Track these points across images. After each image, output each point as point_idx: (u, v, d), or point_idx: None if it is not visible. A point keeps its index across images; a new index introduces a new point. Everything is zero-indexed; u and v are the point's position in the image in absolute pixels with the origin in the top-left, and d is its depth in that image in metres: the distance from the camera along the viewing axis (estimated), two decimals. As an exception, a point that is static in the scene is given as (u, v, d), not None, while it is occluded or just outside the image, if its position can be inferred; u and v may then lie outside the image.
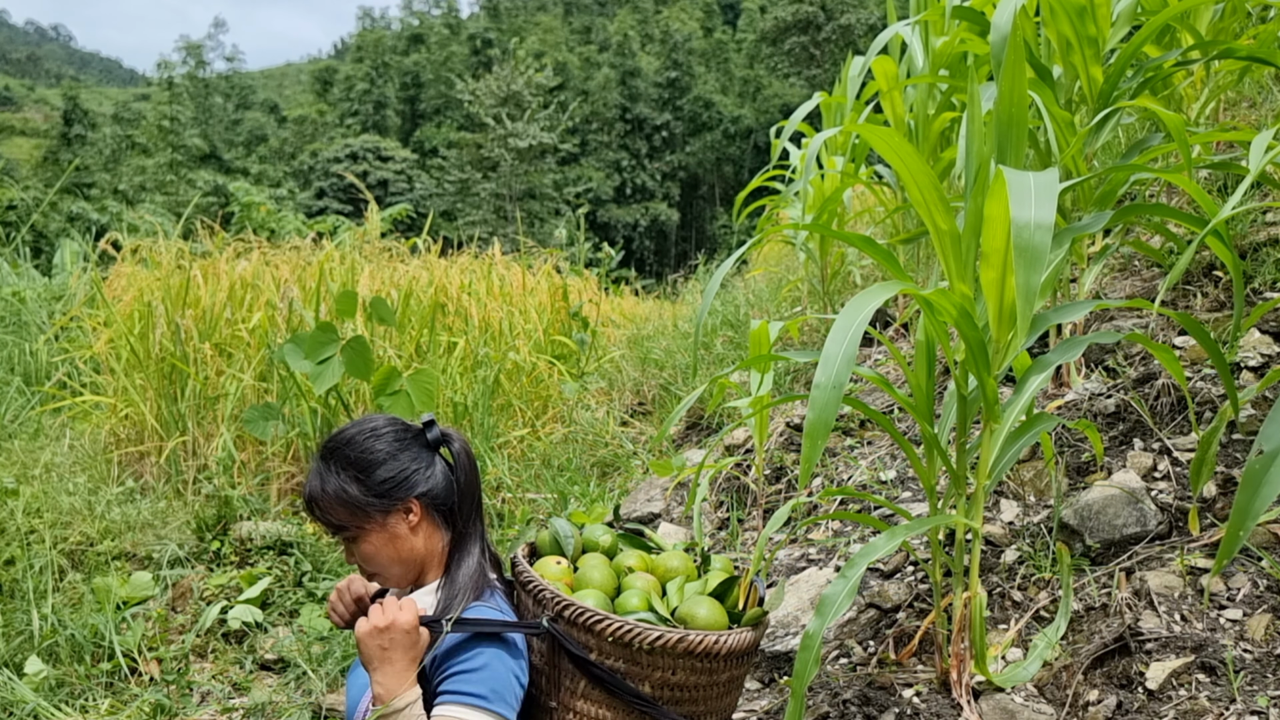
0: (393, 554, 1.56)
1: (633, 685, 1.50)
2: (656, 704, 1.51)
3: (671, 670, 1.50)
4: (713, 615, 1.57)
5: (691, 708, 1.55)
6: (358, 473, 1.55)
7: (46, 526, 3.64)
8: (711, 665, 1.52)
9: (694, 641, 1.48)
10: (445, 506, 1.59)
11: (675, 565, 1.75)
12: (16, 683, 2.78)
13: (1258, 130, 1.86)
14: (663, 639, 1.46)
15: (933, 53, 3.09)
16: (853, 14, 45.66)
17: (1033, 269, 1.32)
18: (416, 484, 1.57)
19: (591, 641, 1.50)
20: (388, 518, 1.55)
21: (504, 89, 41.00)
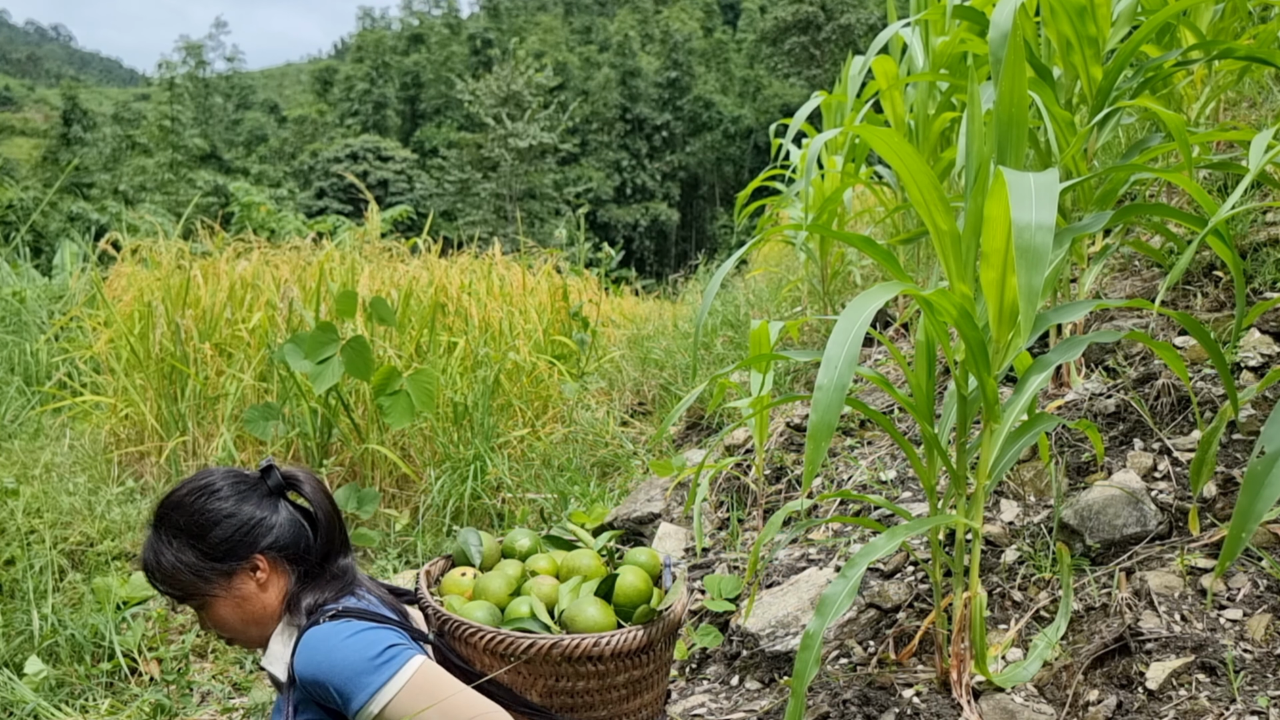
0: (244, 616, 1.45)
1: (520, 694, 1.46)
2: (548, 711, 1.47)
3: (555, 677, 1.45)
4: (599, 616, 1.51)
5: (590, 714, 1.49)
6: (192, 539, 1.43)
7: (46, 526, 3.64)
8: (600, 668, 1.47)
9: (570, 646, 1.43)
10: (297, 553, 1.48)
11: (583, 565, 1.67)
12: (16, 683, 2.78)
13: (1258, 130, 1.86)
14: (535, 646, 1.41)
15: (933, 52, 3.09)
16: (853, 14, 45.67)
17: (1034, 270, 1.32)
18: (259, 537, 1.45)
19: (473, 654, 1.46)
20: (232, 580, 1.44)
21: (504, 89, 41.01)
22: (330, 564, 1.51)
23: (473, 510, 4.15)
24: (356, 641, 1.37)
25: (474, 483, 4.14)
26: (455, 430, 4.49)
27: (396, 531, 4.16)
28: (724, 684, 2.15)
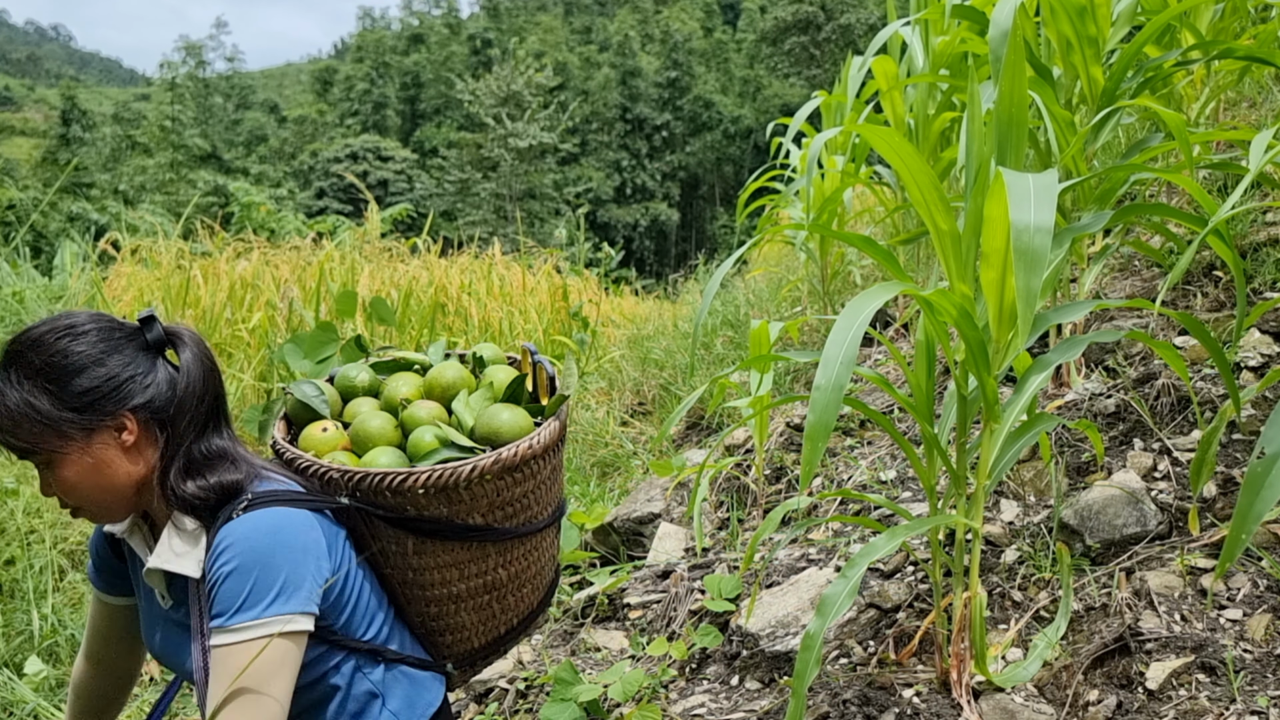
0: (98, 483, 1.27)
1: (463, 522, 1.40)
2: (492, 528, 1.42)
3: (497, 492, 1.41)
4: (516, 421, 1.46)
5: (527, 514, 1.47)
6: (48, 383, 1.23)
7: (46, 526, 3.64)
8: (534, 468, 1.44)
9: (509, 457, 1.38)
10: (169, 420, 1.30)
11: (452, 378, 1.56)
12: (16, 683, 2.78)
13: (1258, 130, 1.86)
14: (477, 468, 1.36)
15: (933, 52, 3.09)
16: (853, 14, 45.68)
17: (1033, 272, 1.32)
18: (131, 394, 1.26)
19: (404, 501, 1.37)
20: (91, 438, 1.25)
21: (504, 89, 41.01)
22: (204, 442, 1.32)
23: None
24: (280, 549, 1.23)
25: (474, 483, 4.14)
26: (455, 430, 4.49)
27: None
28: (724, 684, 2.15)
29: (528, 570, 1.54)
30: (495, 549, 1.46)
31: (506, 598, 1.53)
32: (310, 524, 1.29)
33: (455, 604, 1.49)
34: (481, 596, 1.50)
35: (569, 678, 2.14)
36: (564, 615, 2.76)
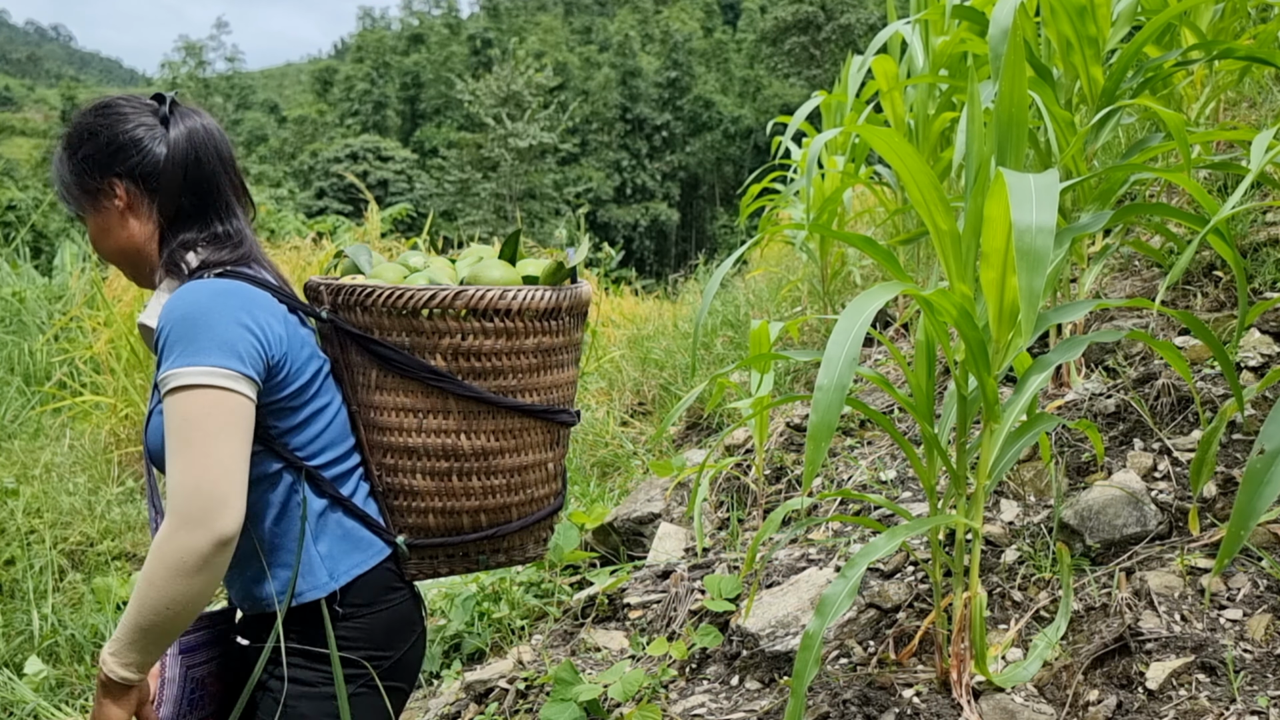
0: (111, 244, 1.38)
1: (421, 359, 1.37)
2: (453, 377, 1.38)
3: (459, 334, 1.37)
4: (505, 275, 1.44)
5: (499, 381, 1.40)
6: (65, 149, 1.37)
7: (46, 526, 3.64)
8: (507, 326, 1.38)
9: (475, 296, 1.35)
10: (160, 189, 1.37)
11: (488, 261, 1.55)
12: (16, 683, 2.78)
13: (1258, 130, 1.86)
14: (438, 297, 1.34)
15: (933, 52, 3.09)
16: (853, 14, 45.68)
17: (1035, 272, 1.32)
18: (117, 161, 1.34)
19: (370, 320, 1.37)
20: (97, 201, 1.36)
21: (504, 89, 41.01)
22: (208, 220, 1.39)
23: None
24: (218, 309, 1.26)
25: (474, 483, 4.14)
26: (455, 430, 4.48)
27: (396, 531, 4.16)
28: (724, 684, 2.15)
29: (497, 456, 1.44)
30: (458, 407, 1.40)
31: (470, 478, 1.43)
32: (264, 303, 1.33)
33: (411, 459, 1.43)
34: (439, 460, 1.43)
35: (569, 678, 2.14)
36: (564, 615, 2.76)
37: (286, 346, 1.33)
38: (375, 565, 1.41)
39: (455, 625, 2.93)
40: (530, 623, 2.80)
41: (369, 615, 1.40)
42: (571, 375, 1.54)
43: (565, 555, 2.91)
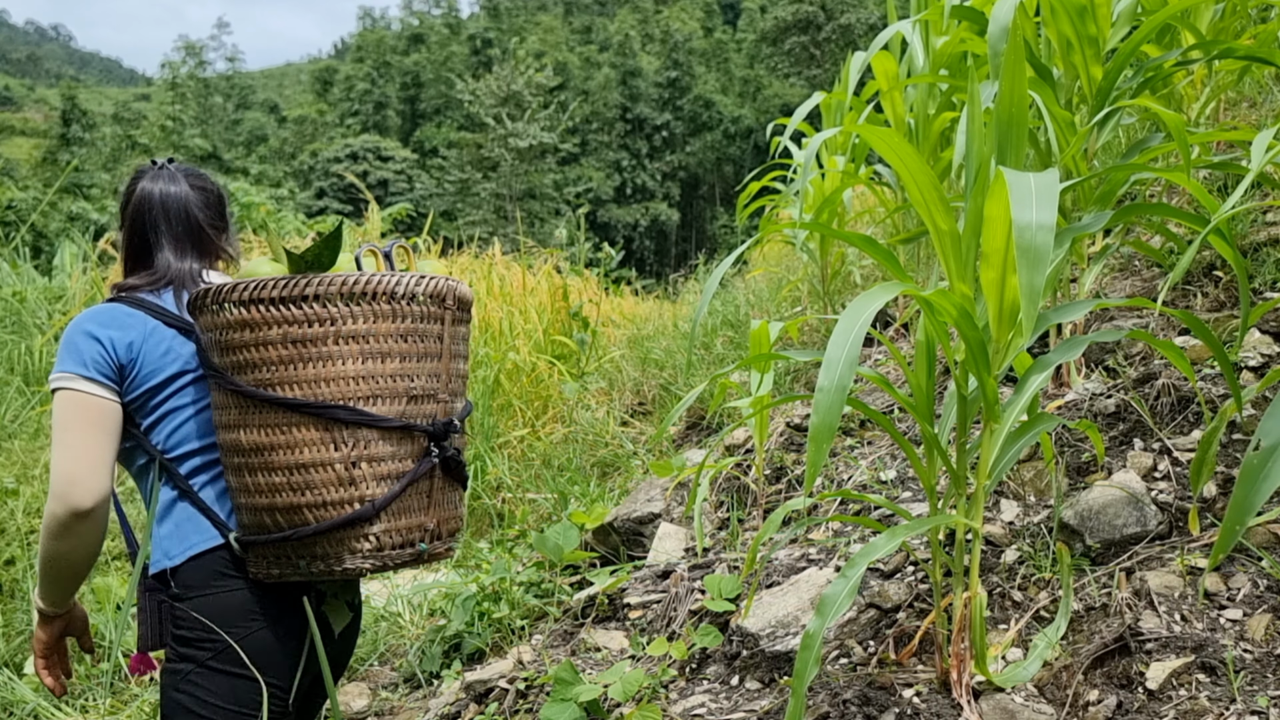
0: None
1: (208, 356, 1.54)
2: (223, 372, 1.49)
3: (219, 330, 1.49)
4: (274, 269, 1.55)
5: (255, 374, 1.45)
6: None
7: (46, 526, 3.64)
8: (245, 316, 1.44)
9: (215, 289, 1.47)
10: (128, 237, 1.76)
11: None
12: (16, 683, 2.78)
13: (1258, 130, 1.86)
14: (199, 294, 1.51)
15: (933, 52, 3.09)
16: (853, 14, 45.67)
17: (1035, 271, 1.32)
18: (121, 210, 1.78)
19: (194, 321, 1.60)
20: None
21: (504, 89, 41.00)
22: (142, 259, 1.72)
23: (473, 510, 4.15)
24: (78, 326, 1.58)
25: (474, 483, 4.14)
26: (455, 430, 4.48)
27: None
28: (724, 684, 2.15)
29: (271, 452, 1.45)
30: (233, 402, 1.50)
31: (255, 474, 1.48)
32: (124, 320, 1.60)
33: (224, 455, 1.55)
34: (231, 455, 1.52)
35: (569, 678, 2.14)
36: (564, 615, 2.76)
37: (137, 353, 1.58)
38: (204, 551, 1.57)
39: (455, 625, 2.93)
40: (530, 623, 2.80)
41: (198, 598, 1.55)
42: (359, 370, 1.46)
43: (565, 555, 2.91)
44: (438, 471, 1.56)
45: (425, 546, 1.56)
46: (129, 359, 1.57)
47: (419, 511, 1.55)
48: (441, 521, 1.59)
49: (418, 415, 1.53)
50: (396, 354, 1.49)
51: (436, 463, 1.54)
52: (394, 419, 1.49)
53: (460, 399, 1.63)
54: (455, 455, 1.58)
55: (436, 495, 1.58)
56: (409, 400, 1.51)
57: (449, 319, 1.57)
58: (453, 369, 1.59)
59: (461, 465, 1.60)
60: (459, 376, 1.61)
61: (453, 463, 1.57)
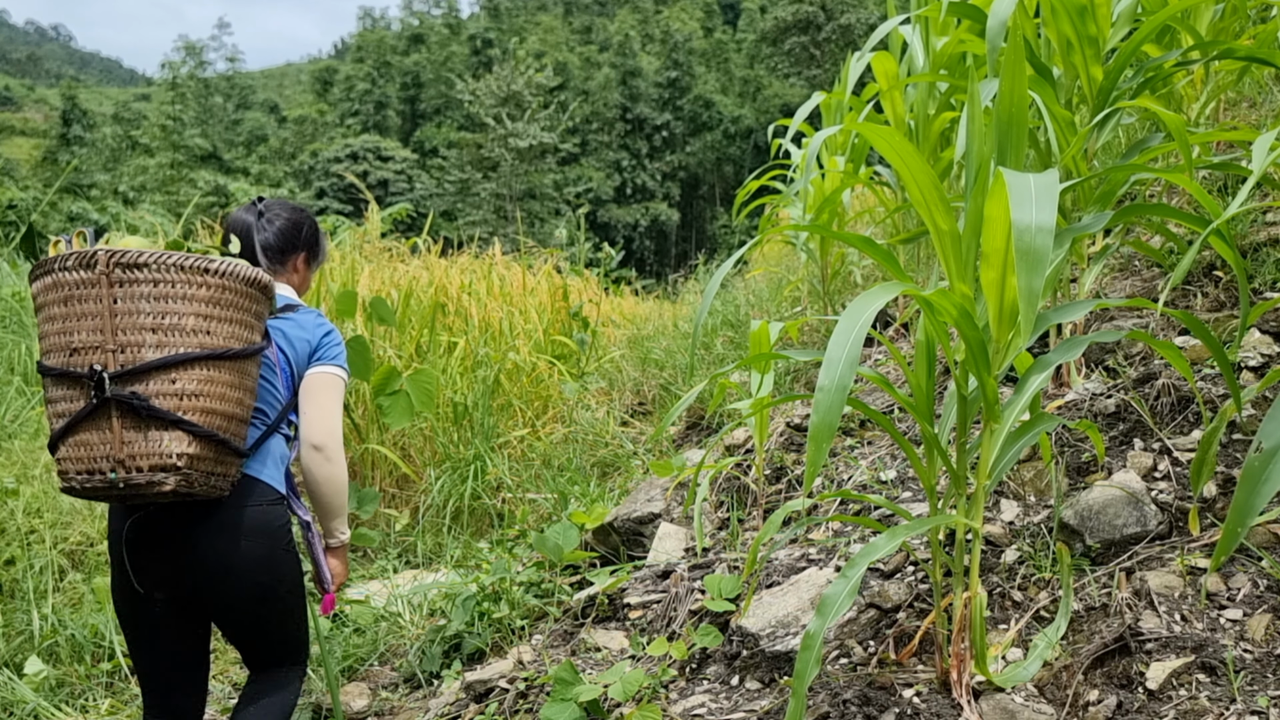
0: None
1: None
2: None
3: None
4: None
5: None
6: None
7: (46, 526, 3.64)
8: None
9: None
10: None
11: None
12: (16, 683, 2.78)
13: (1258, 130, 1.86)
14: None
15: (933, 53, 3.09)
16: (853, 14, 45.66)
17: (1034, 272, 1.32)
18: None
19: None
20: None
21: (504, 89, 40.99)
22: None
23: (473, 510, 4.15)
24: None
25: (474, 483, 4.14)
26: (455, 430, 4.49)
27: (396, 531, 4.16)
28: (724, 684, 2.15)
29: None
30: None
31: None
32: None
33: None
34: None
35: (569, 678, 2.14)
36: (564, 615, 2.76)
37: None
38: None
39: (455, 625, 2.93)
40: (530, 623, 2.80)
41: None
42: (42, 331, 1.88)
43: (565, 555, 2.91)
44: (114, 410, 1.80)
45: (116, 475, 1.80)
46: None
47: (101, 445, 1.82)
48: (127, 461, 1.82)
49: (73, 361, 1.83)
50: (59, 316, 1.86)
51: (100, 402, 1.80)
52: (49, 362, 1.86)
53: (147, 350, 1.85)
54: (128, 398, 1.79)
55: (119, 436, 1.81)
56: (69, 351, 1.84)
57: (106, 281, 1.83)
58: (122, 324, 1.84)
59: (148, 408, 1.81)
60: (137, 329, 1.85)
61: (124, 405, 1.80)
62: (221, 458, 1.93)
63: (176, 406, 1.84)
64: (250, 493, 2.04)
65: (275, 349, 2.14)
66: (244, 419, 1.99)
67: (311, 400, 2.14)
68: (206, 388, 1.88)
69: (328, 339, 2.20)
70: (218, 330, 1.91)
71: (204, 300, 1.89)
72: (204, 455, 1.87)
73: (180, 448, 1.84)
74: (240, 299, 1.95)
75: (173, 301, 1.87)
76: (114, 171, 37.67)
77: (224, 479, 1.96)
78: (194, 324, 1.88)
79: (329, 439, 2.12)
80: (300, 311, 2.22)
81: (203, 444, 1.87)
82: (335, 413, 2.15)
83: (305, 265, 2.35)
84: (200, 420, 1.86)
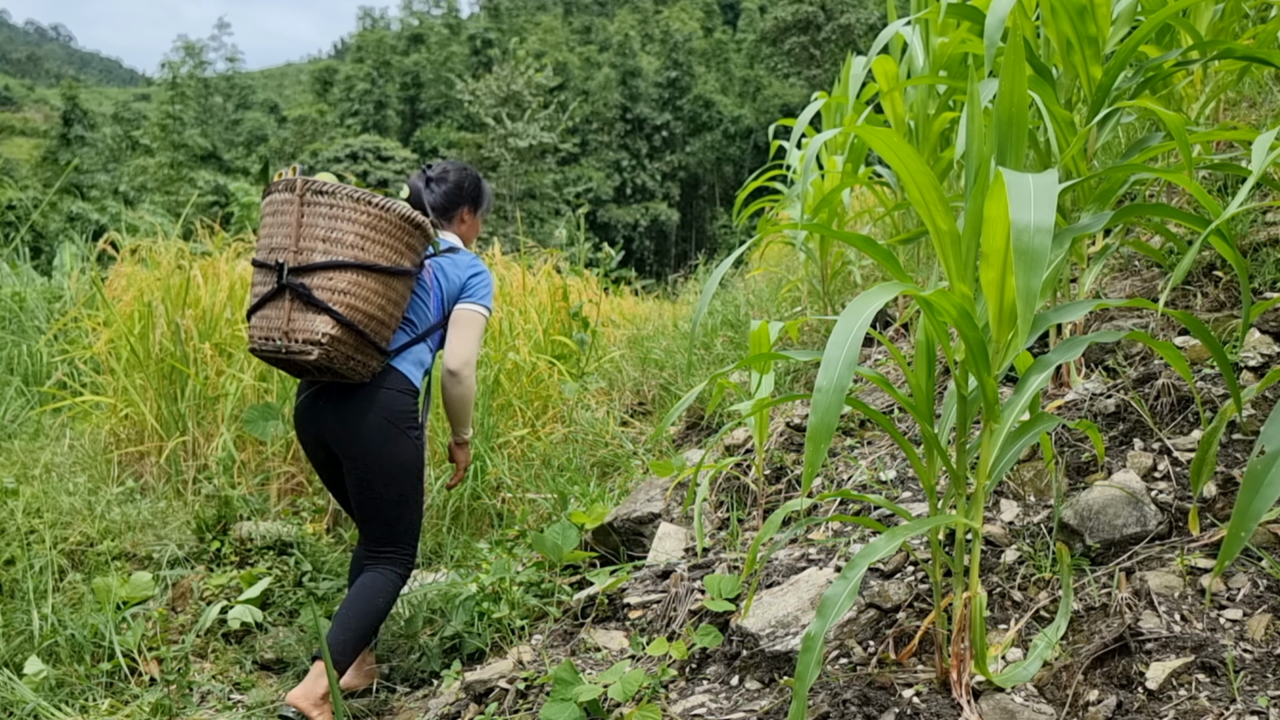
0: None
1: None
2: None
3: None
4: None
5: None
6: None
7: (46, 526, 3.64)
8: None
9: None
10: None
11: None
12: (16, 683, 2.78)
13: (1258, 130, 1.86)
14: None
15: (933, 52, 3.09)
16: (853, 14, 45.65)
17: (1033, 272, 1.32)
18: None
19: None
20: None
21: (504, 89, 40.97)
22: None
23: (472, 510, 4.15)
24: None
25: (474, 482, 4.14)
26: (455, 430, 4.46)
27: (396, 531, 4.15)
28: (724, 684, 2.15)
29: None
30: None
31: None
32: None
33: None
34: None
35: (569, 678, 2.14)
36: (564, 615, 2.76)
37: None
38: None
39: (455, 625, 2.93)
40: (530, 623, 2.80)
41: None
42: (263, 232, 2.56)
43: (565, 555, 2.91)
44: (288, 294, 2.45)
45: (280, 342, 2.46)
46: None
47: (276, 319, 2.47)
48: (289, 333, 2.45)
49: (269, 255, 2.50)
50: (269, 224, 2.55)
51: (280, 287, 2.46)
52: (257, 256, 2.55)
53: (317, 254, 2.46)
54: (299, 287, 2.44)
55: (289, 313, 2.46)
56: (269, 249, 2.51)
57: (299, 201, 2.48)
58: (304, 233, 2.48)
59: (309, 296, 2.43)
60: (313, 238, 2.48)
61: (295, 291, 2.45)
62: (361, 347, 2.50)
63: (329, 298, 2.44)
64: (387, 380, 2.62)
65: (432, 278, 2.73)
66: (385, 323, 2.54)
67: (455, 331, 2.71)
68: (354, 289, 2.47)
69: (475, 279, 2.75)
70: (370, 248, 2.49)
71: (363, 224, 2.48)
72: (344, 339, 2.45)
73: (326, 329, 2.43)
74: (393, 229, 2.52)
75: (341, 221, 2.48)
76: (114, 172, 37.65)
77: (364, 365, 2.54)
78: (353, 240, 2.47)
79: (464, 366, 2.69)
80: (460, 254, 2.80)
81: (344, 330, 2.45)
82: (472, 344, 2.70)
83: (471, 215, 2.93)
84: (345, 312, 2.45)
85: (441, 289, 2.73)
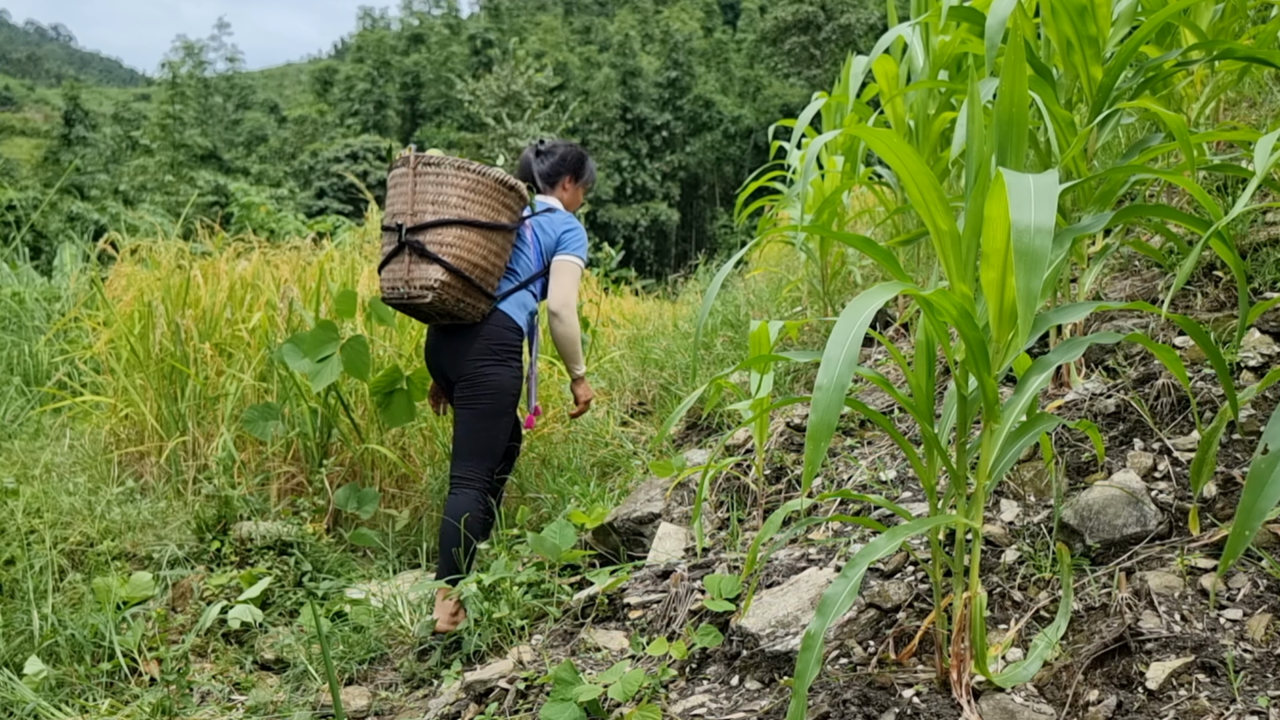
0: None
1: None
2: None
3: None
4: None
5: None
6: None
7: (46, 526, 3.64)
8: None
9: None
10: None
11: None
12: (16, 683, 2.78)
13: (1258, 130, 1.86)
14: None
15: (933, 53, 3.09)
16: (853, 14, 45.66)
17: (1033, 273, 1.32)
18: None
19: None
20: None
21: (504, 89, 40.97)
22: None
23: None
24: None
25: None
26: (455, 430, 4.46)
27: (396, 531, 4.16)
28: (724, 684, 2.15)
29: None
30: None
31: None
32: None
33: None
34: None
35: (569, 678, 2.14)
36: (564, 615, 2.76)
37: None
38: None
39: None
40: (530, 623, 2.80)
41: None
42: (388, 201, 3.14)
43: (564, 555, 2.91)
44: (407, 251, 3.01)
45: (403, 290, 3.02)
46: None
47: (400, 270, 3.03)
48: (409, 281, 3.01)
49: (392, 220, 3.07)
50: (392, 194, 3.12)
51: (400, 245, 3.02)
52: (384, 222, 3.11)
53: (428, 215, 3.02)
54: (415, 243, 2.99)
55: (408, 266, 3.02)
56: (392, 215, 3.08)
57: (412, 173, 3.04)
58: (417, 198, 3.03)
59: (423, 250, 2.98)
60: (424, 202, 3.02)
61: (412, 246, 3.00)
62: (468, 291, 3.02)
63: (439, 250, 2.97)
64: (493, 318, 3.14)
65: (532, 234, 3.25)
66: (490, 270, 3.06)
67: (555, 278, 3.22)
68: (459, 242, 2.99)
69: (569, 234, 3.27)
70: (471, 207, 3.01)
71: (464, 187, 3.01)
72: (452, 284, 2.98)
73: (437, 275, 2.96)
74: (490, 190, 3.04)
75: (446, 186, 3.01)
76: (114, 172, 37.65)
77: (473, 307, 3.07)
78: (456, 201, 3.00)
79: (563, 308, 3.19)
80: (556, 213, 3.34)
81: (452, 276, 2.97)
82: (570, 288, 3.19)
83: (572, 184, 3.50)
84: (452, 261, 2.97)
85: (540, 243, 3.23)
